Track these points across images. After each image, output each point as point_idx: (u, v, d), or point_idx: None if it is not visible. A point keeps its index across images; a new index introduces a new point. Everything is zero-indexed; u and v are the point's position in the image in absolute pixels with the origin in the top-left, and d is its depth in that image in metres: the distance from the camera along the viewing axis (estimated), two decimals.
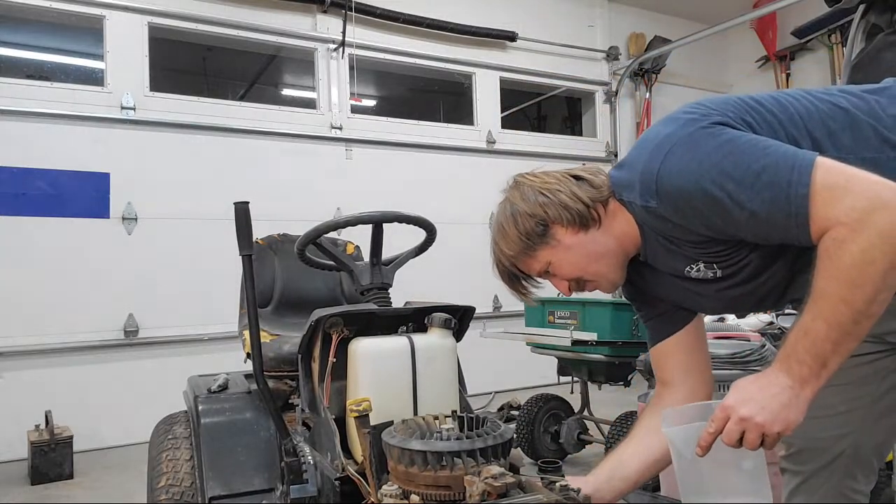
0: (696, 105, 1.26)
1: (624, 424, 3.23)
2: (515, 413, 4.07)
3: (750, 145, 1.14)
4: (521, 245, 1.35)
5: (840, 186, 1.06)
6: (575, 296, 1.58)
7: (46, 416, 4.02)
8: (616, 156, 7.16)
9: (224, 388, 2.17)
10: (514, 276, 1.43)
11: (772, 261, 1.26)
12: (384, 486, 1.33)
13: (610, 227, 1.34)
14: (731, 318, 3.51)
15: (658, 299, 1.48)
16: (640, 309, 1.54)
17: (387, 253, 1.99)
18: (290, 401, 2.18)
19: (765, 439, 1.11)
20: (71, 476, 3.84)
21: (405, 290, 2.23)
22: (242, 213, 1.80)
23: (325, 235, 1.94)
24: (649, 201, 1.23)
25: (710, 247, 1.25)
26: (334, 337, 1.70)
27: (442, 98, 8.17)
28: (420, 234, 2.04)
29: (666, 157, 1.19)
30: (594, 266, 1.36)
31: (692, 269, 1.30)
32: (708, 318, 3.18)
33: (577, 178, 1.36)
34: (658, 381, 1.54)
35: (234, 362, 2.66)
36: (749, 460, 1.18)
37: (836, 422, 1.46)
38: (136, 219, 4.74)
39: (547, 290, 1.53)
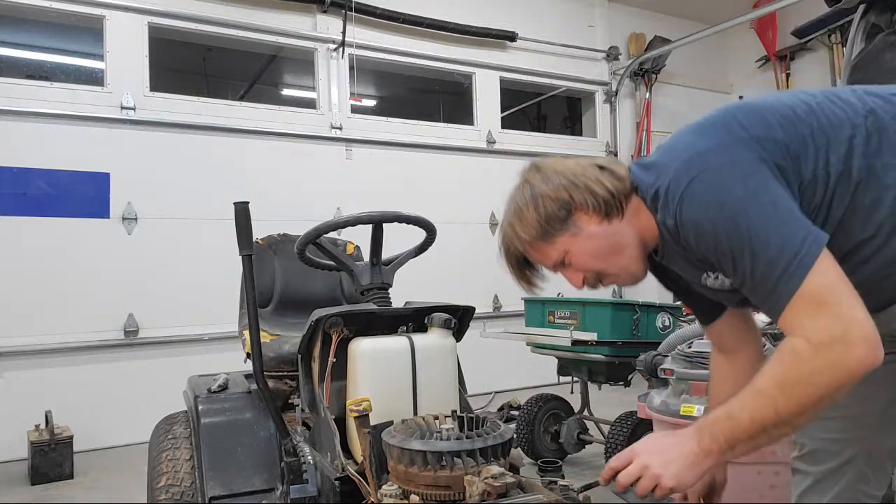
0: (737, 120, 1.19)
1: (624, 424, 3.22)
2: (515, 413, 4.07)
3: (771, 210, 1.11)
4: (539, 230, 1.27)
5: (822, 303, 1.08)
6: (575, 295, 1.58)
7: (46, 416, 4.02)
8: (616, 156, 7.15)
9: (224, 388, 2.17)
10: (524, 264, 1.36)
11: None
12: (384, 486, 1.33)
13: (632, 220, 1.28)
14: None
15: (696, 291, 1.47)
16: (682, 300, 1.55)
17: (387, 253, 1.99)
18: (290, 401, 2.18)
19: (656, 488, 1.18)
20: (71, 476, 3.83)
21: (405, 290, 2.23)
22: (242, 213, 1.80)
23: (325, 235, 1.94)
24: (668, 220, 1.21)
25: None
26: (334, 337, 1.70)
27: (442, 98, 8.17)
28: (420, 234, 2.04)
29: (692, 182, 1.16)
30: (616, 258, 1.30)
31: (709, 277, 1.28)
32: None
33: (600, 167, 1.29)
34: (715, 347, 1.58)
35: (234, 362, 2.66)
36: None
37: (847, 424, 1.46)
38: (136, 219, 4.74)
39: (547, 290, 1.52)
